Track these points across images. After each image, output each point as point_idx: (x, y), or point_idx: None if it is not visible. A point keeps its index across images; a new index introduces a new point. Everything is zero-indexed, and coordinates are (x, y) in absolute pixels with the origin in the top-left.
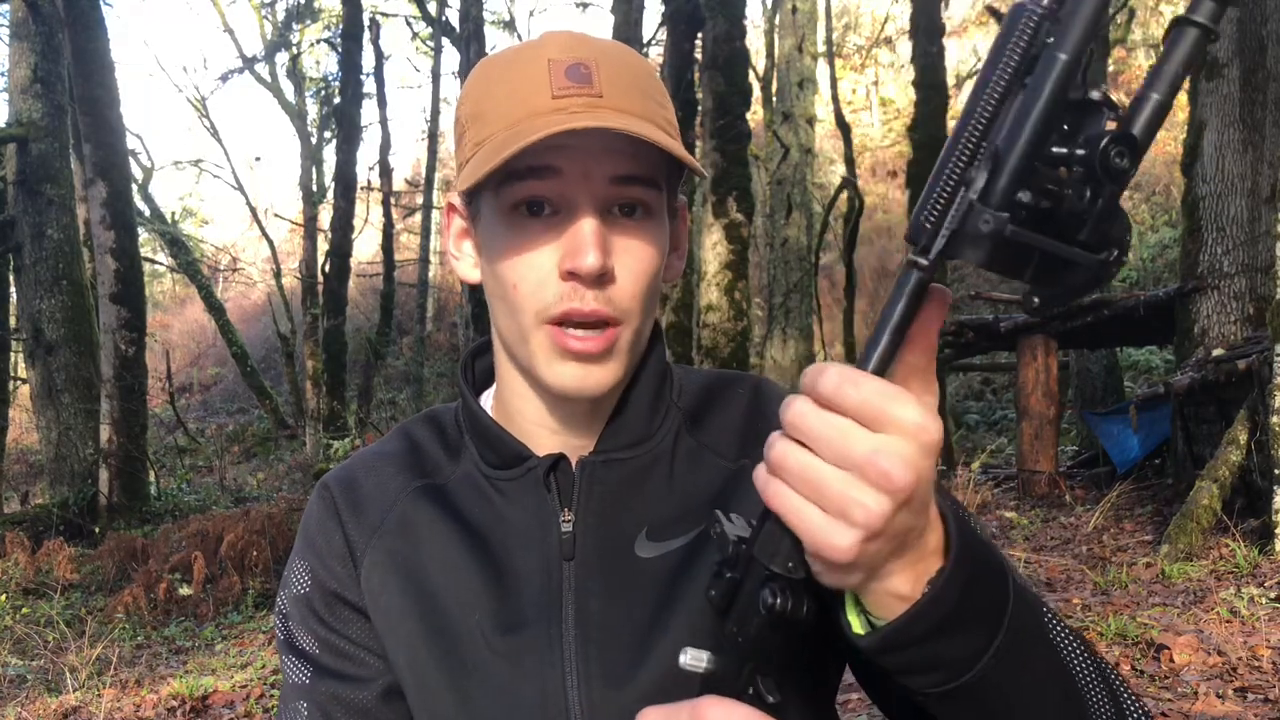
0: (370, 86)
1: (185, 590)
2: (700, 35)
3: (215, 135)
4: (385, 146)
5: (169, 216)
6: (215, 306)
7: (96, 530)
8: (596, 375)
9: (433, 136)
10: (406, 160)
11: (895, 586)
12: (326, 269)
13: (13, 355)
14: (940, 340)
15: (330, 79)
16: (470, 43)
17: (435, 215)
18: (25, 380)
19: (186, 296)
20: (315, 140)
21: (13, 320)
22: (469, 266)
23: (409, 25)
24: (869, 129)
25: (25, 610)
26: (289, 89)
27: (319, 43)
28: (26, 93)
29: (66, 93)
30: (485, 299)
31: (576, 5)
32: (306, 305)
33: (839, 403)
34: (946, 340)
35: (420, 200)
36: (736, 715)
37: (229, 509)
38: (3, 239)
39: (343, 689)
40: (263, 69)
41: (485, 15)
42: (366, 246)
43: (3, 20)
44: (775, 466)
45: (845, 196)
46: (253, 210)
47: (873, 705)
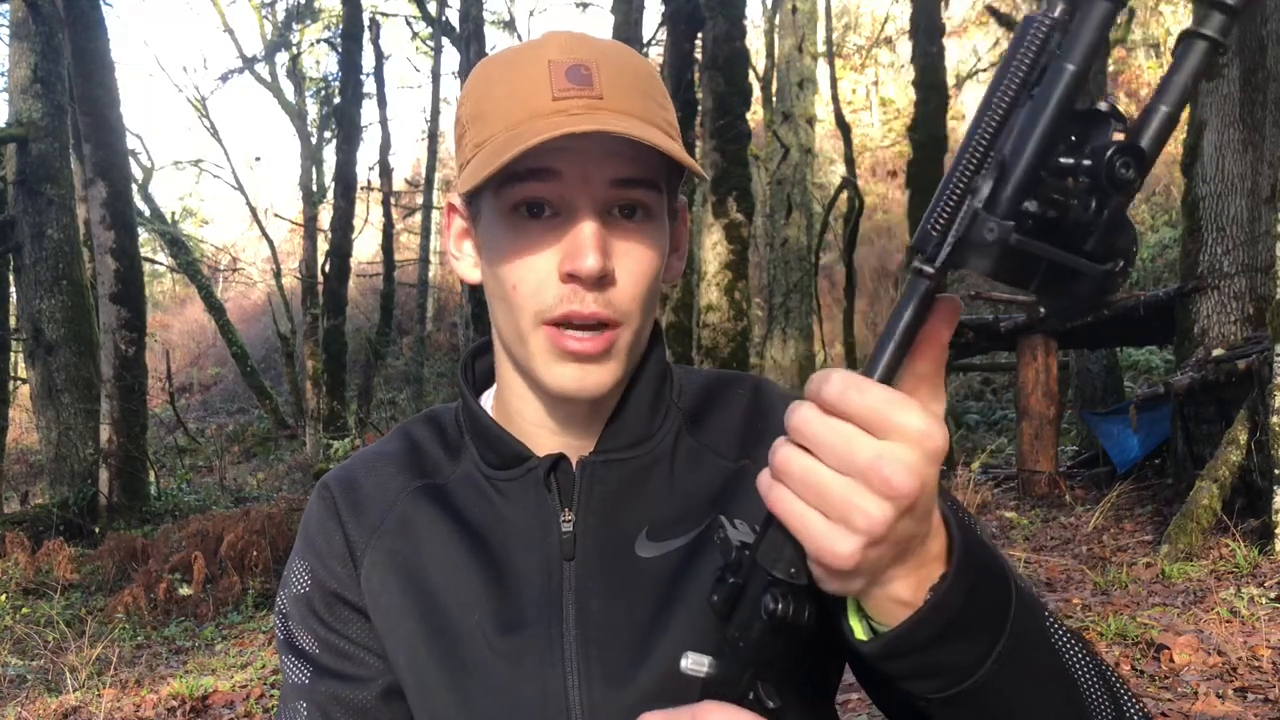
0: (370, 86)
1: (185, 590)
2: (700, 35)
3: (215, 135)
4: (385, 146)
5: (169, 216)
6: (215, 306)
7: (96, 530)
8: (595, 376)
9: (433, 136)
10: (406, 160)
11: (897, 592)
12: (326, 269)
13: (13, 355)
14: None
15: (330, 79)
16: (470, 43)
17: (435, 215)
18: (25, 380)
19: (186, 296)
20: (315, 140)
21: (13, 320)
22: (469, 267)
23: (409, 25)
24: (869, 129)
25: (25, 610)
26: (289, 89)
27: (319, 43)
28: (26, 93)
29: (66, 93)
30: (485, 299)
31: (576, 5)
32: (306, 305)
33: (843, 408)
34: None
35: (420, 200)
36: None
37: (229, 509)
38: (3, 239)
39: (342, 689)
40: (263, 69)
41: (485, 15)
42: (366, 246)
43: (3, 20)
44: (779, 471)
45: (845, 196)
46: (253, 210)
47: (873, 705)
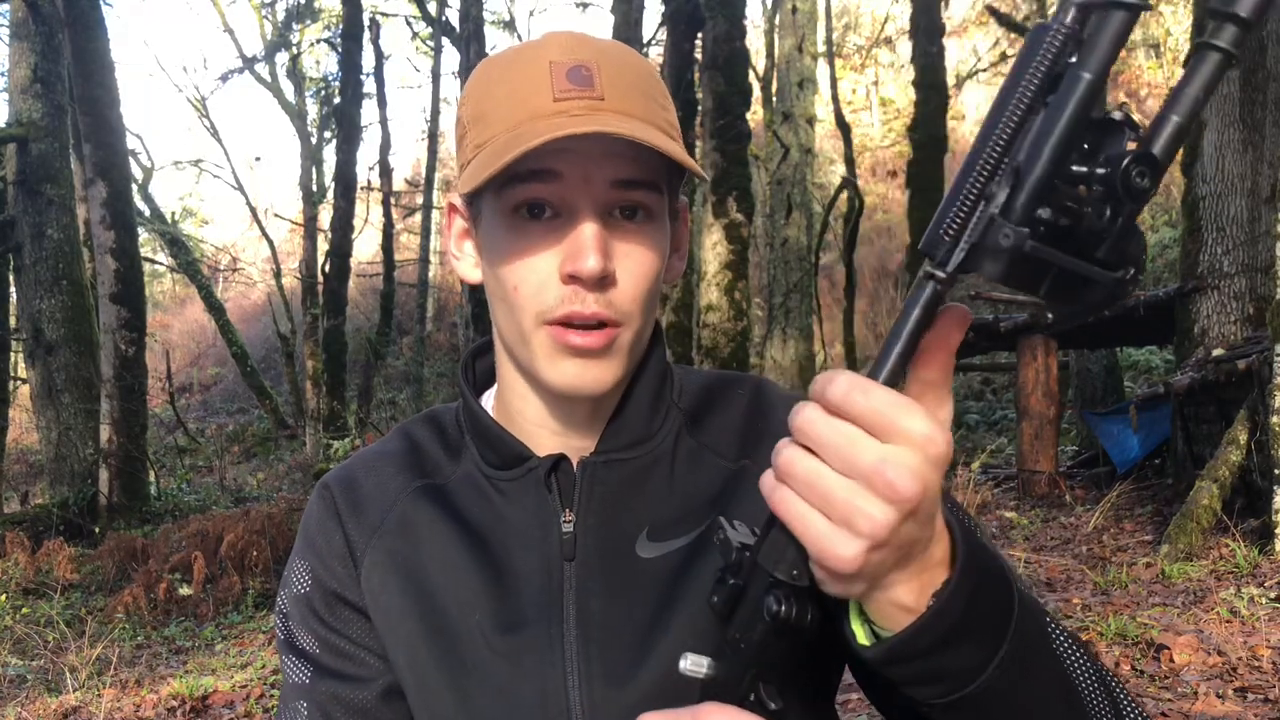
0: (370, 86)
1: (185, 590)
2: (700, 35)
3: (215, 135)
4: (385, 146)
5: (169, 216)
6: (215, 306)
7: (96, 530)
8: (595, 372)
9: (433, 136)
10: (406, 160)
11: (899, 597)
12: (326, 269)
13: (13, 355)
14: None
15: (330, 79)
16: (470, 43)
17: (435, 215)
18: (25, 380)
19: (186, 296)
20: (315, 140)
21: (13, 320)
22: (470, 267)
23: (409, 25)
24: (869, 129)
25: (25, 610)
26: (289, 89)
27: (319, 43)
28: (26, 93)
29: (66, 93)
30: (486, 299)
31: (576, 5)
32: (306, 305)
33: (848, 410)
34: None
35: (420, 200)
36: None
37: (229, 509)
38: (3, 239)
39: (343, 689)
40: (263, 69)
41: (485, 15)
42: (366, 246)
43: (3, 20)
44: (782, 473)
45: (845, 196)
46: (253, 210)
47: (873, 706)
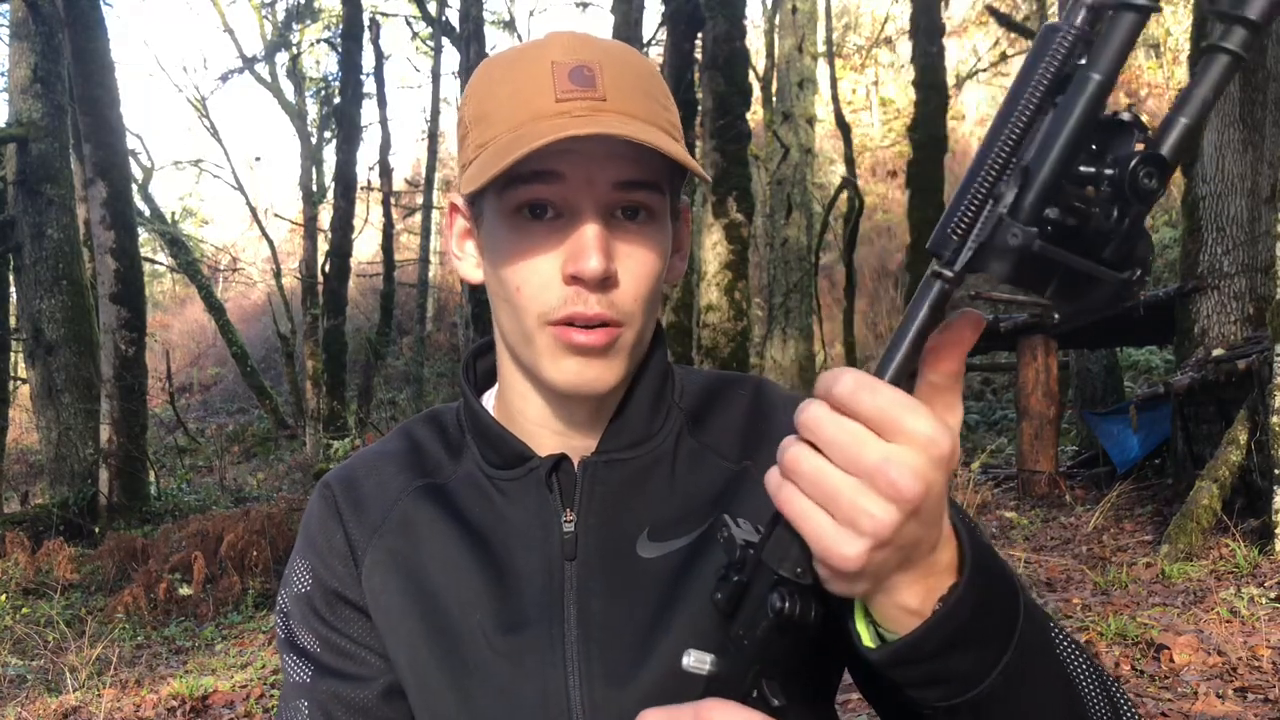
0: (370, 86)
1: (185, 590)
2: (700, 35)
3: (215, 135)
4: (385, 146)
5: (169, 216)
6: (215, 306)
7: (96, 530)
8: (597, 370)
9: (433, 136)
10: (406, 160)
11: (905, 600)
12: (326, 269)
13: (13, 355)
14: None
15: (330, 79)
16: (470, 43)
17: (435, 215)
18: (25, 380)
19: (186, 296)
20: (315, 140)
21: (13, 320)
22: (471, 267)
23: (409, 25)
24: (869, 129)
25: (25, 610)
26: (289, 89)
27: (319, 43)
28: (26, 93)
29: (66, 93)
30: (486, 298)
31: (576, 5)
32: (306, 305)
33: (854, 408)
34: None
35: (420, 200)
36: (739, 719)
37: (229, 509)
38: (3, 239)
39: (344, 688)
40: (263, 69)
41: (485, 15)
42: (366, 246)
43: (3, 20)
44: (788, 470)
45: (845, 196)
46: (253, 210)
47: (871, 706)
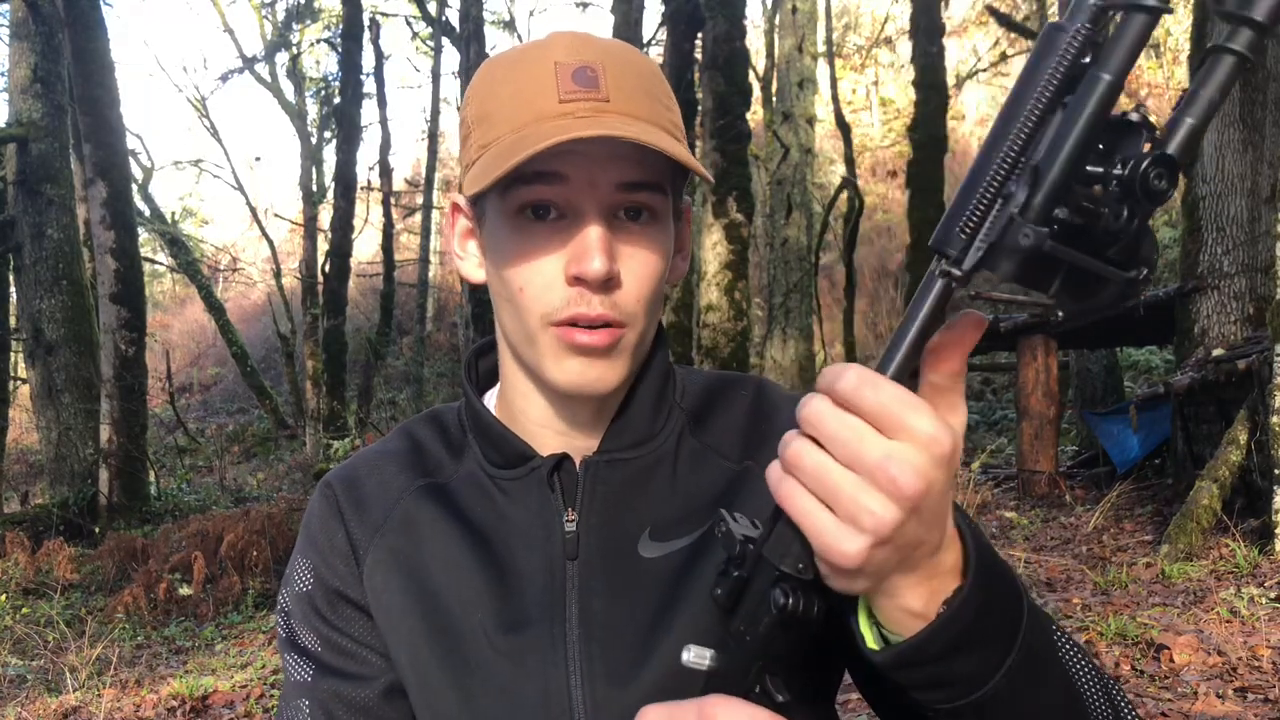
0: (370, 86)
1: (185, 590)
2: (700, 35)
3: (215, 135)
4: (385, 146)
5: (169, 216)
6: (215, 306)
7: (96, 530)
8: (599, 370)
9: (433, 136)
10: (406, 160)
11: (909, 603)
12: (326, 269)
13: (13, 355)
14: None
15: (330, 79)
16: (470, 43)
17: (435, 215)
18: (25, 380)
19: (186, 296)
20: (315, 140)
21: (13, 320)
22: (473, 266)
23: (409, 25)
24: (869, 129)
25: (25, 610)
26: (289, 89)
27: (319, 43)
28: (26, 93)
29: (66, 93)
30: (487, 298)
31: (576, 5)
32: (306, 305)
33: (856, 404)
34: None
35: (420, 200)
36: (744, 714)
37: (229, 509)
38: (3, 239)
39: (345, 687)
40: (263, 69)
41: (485, 15)
42: (366, 246)
43: (3, 20)
44: (790, 465)
45: (845, 196)
46: (253, 210)
47: (871, 707)
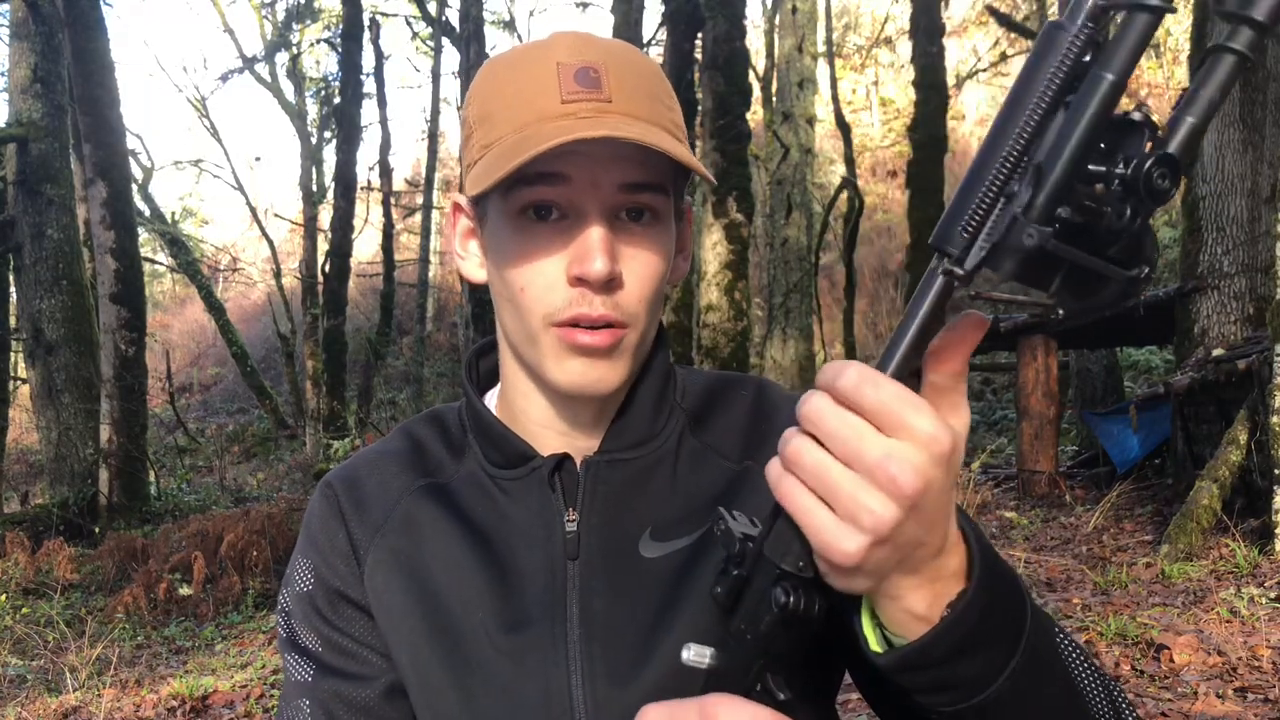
0: (370, 86)
1: (185, 590)
2: (700, 35)
3: (215, 135)
4: (385, 146)
5: (169, 216)
6: (215, 306)
7: (96, 530)
8: (601, 371)
9: (433, 136)
10: (406, 160)
11: (912, 605)
12: (326, 269)
13: (13, 355)
14: None
15: (330, 79)
16: (470, 43)
17: (435, 215)
18: (25, 380)
19: (186, 296)
20: (315, 140)
21: (13, 320)
22: (475, 266)
23: (409, 25)
24: (869, 129)
25: (25, 610)
26: (289, 89)
27: (319, 43)
28: (26, 93)
29: (66, 93)
30: (487, 298)
31: (576, 5)
32: (306, 305)
33: (857, 402)
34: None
35: (420, 200)
36: (745, 713)
37: (229, 509)
38: (3, 239)
39: (345, 687)
40: (263, 69)
41: (485, 15)
42: (366, 246)
43: (3, 20)
44: (789, 462)
45: (845, 196)
46: (253, 210)
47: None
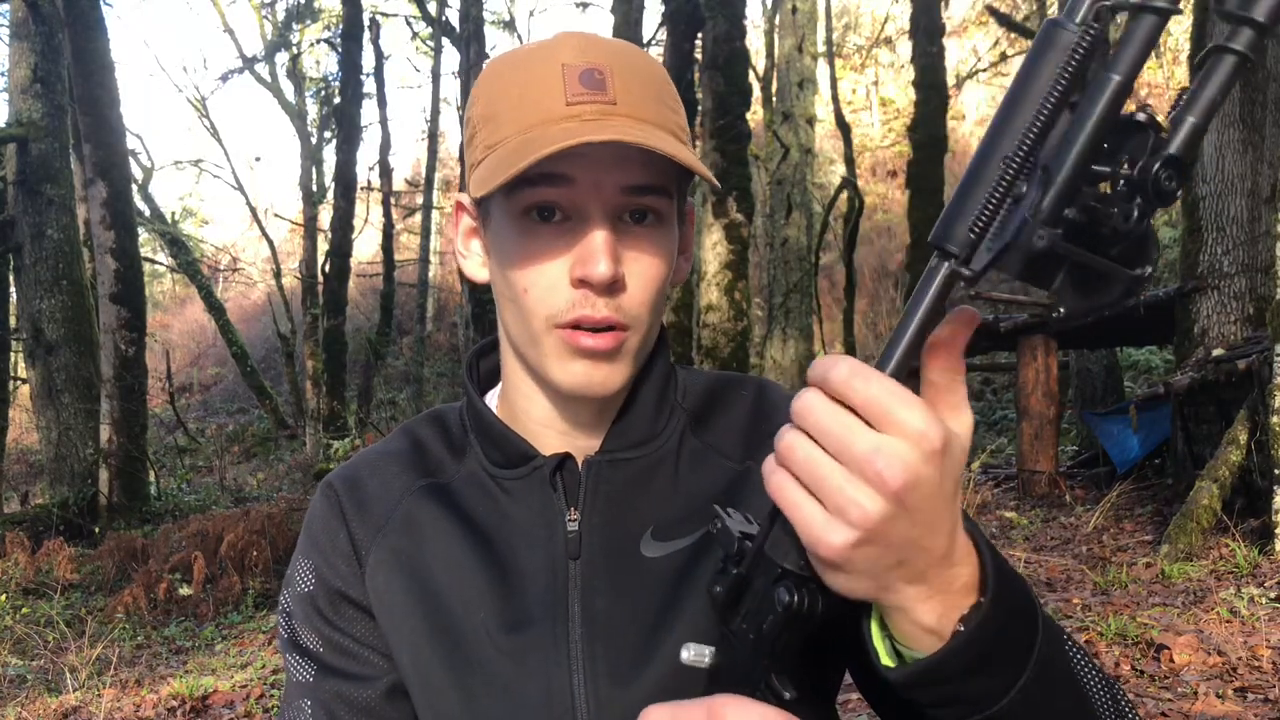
0: (370, 86)
1: (185, 590)
2: (700, 35)
3: (215, 135)
4: (385, 146)
5: (169, 216)
6: (215, 306)
7: (96, 530)
8: (604, 373)
9: (433, 136)
10: (406, 160)
11: (922, 618)
12: (326, 269)
13: (13, 355)
14: None
15: (330, 79)
16: (470, 43)
17: (435, 215)
18: (25, 380)
19: (186, 296)
20: (315, 140)
21: (13, 320)
22: (477, 265)
23: (409, 25)
24: (869, 129)
25: (25, 610)
26: (289, 89)
27: (319, 43)
28: (26, 93)
29: (66, 93)
30: (487, 298)
31: (576, 5)
32: (306, 305)
33: (847, 396)
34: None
35: (420, 200)
36: (754, 714)
37: (229, 509)
38: (3, 239)
39: (347, 687)
40: (263, 69)
41: (485, 15)
42: (366, 246)
43: (3, 20)
44: (782, 457)
45: (845, 196)
46: (253, 210)
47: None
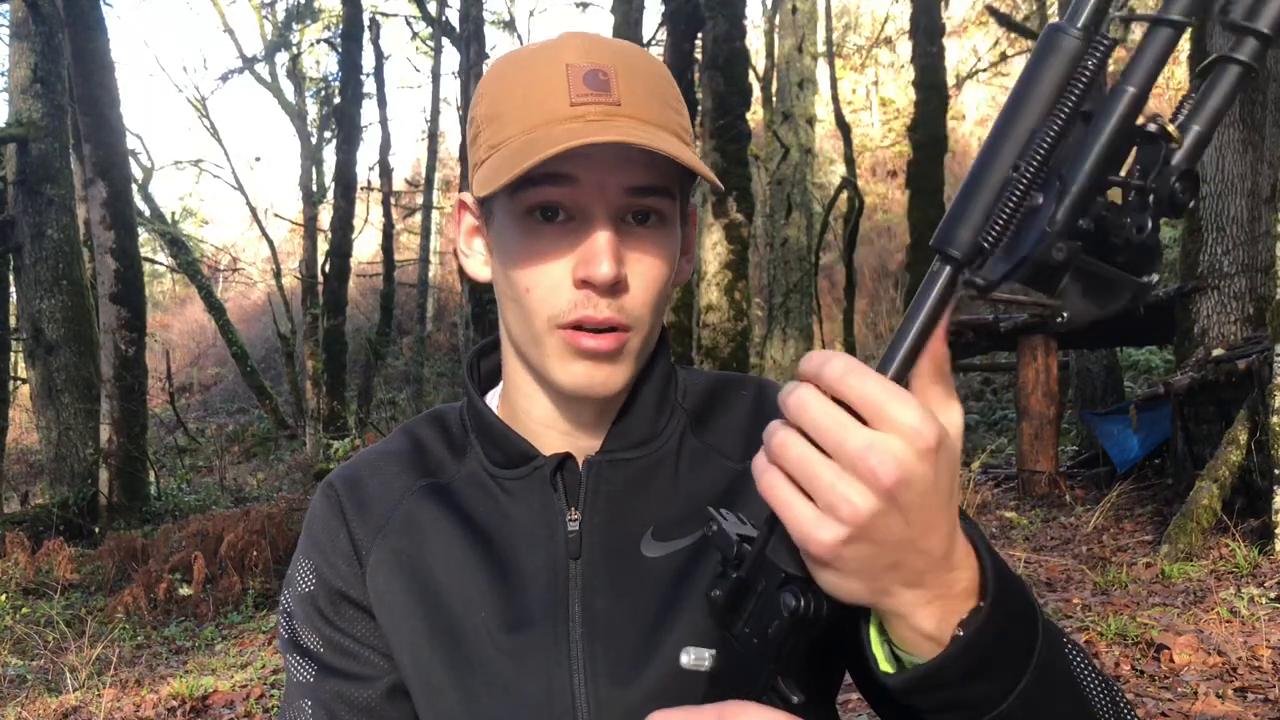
0: (370, 86)
1: (185, 590)
2: (700, 35)
3: (215, 135)
4: (385, 146)
5: (169, 216)
6: (215, 306)
7: (96, 530)
8: (605, 374)
9: (433, 136)
10: (406, 160)
11: (920, 623)
12: (326, 269)
13: (13, 355)
14: None
15: (330, 79)
16: (470, 43)
17: (435, 215)
18: (25, 380)
19: (186, 296)
20: (315, 140)
21: (13, 320)
22: (479, 264)
23: (409, 25)
24: (869, 129)
25: (25, 610)
26: (289, 89)
27: (319, 43)
28: (26, 93)
29: (66, 93)
30: (487, 298)
31: (576, 5)
32: (306, 305)
33: (841, 392)
34: (948, 341)
35: (420, 200)
36: (764, 719)
37: (229, 509)
38: (3, 239)
39: (347, 687)
40: (263, 69)
41: (485, 15)
42: (366, 246)
43: (3, 20)
44: (774, 455)
45: (845, 196)
46: (253, 210)
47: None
